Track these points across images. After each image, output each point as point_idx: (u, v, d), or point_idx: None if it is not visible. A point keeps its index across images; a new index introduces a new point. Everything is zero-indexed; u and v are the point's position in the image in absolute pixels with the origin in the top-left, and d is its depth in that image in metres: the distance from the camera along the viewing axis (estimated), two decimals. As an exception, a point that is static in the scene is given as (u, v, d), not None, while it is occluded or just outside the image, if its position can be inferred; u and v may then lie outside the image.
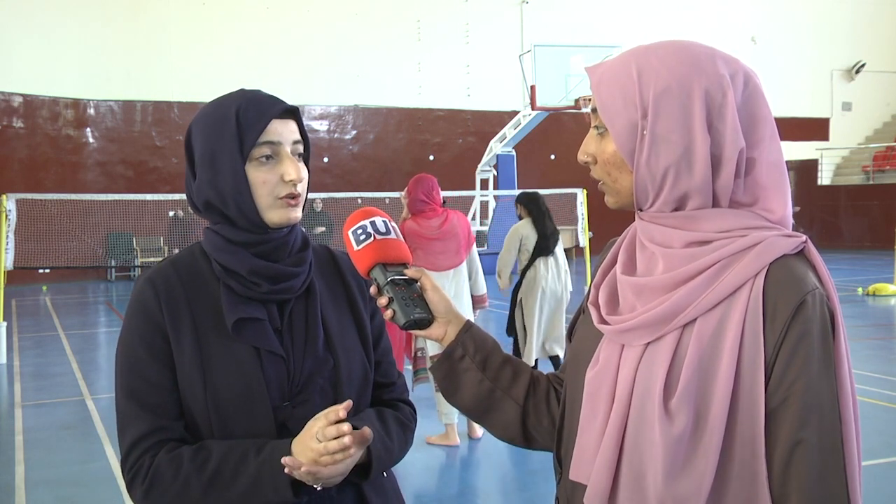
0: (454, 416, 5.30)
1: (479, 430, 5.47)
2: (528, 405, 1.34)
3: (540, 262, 6.16)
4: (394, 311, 1.31)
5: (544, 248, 6.16)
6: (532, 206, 6.29)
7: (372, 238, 1.35)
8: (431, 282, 1.35)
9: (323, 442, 1.30)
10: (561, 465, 1.25)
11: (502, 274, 6.26)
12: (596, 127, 1.17)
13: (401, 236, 1.39)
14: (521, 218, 6.37)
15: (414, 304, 1.32)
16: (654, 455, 1.04)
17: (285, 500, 1.33)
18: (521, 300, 6.20)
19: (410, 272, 1.35)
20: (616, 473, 1.09)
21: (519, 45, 19.49)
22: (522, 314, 6.19)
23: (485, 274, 5.50)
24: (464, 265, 5.20)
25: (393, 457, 1.50)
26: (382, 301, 1.32)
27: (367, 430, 1.35)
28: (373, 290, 1.34)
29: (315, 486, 1.34)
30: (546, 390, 1.36)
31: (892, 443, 5.34)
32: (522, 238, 6.19)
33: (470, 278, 5.28)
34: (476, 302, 5.34)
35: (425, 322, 1.33)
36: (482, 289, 5.36)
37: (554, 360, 6.26)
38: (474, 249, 5.32)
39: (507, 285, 6.33)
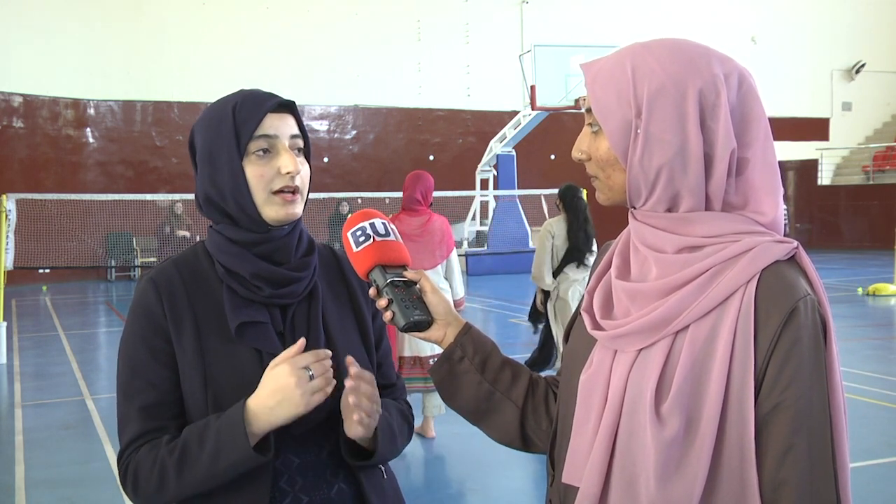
0: (435, 410, 5.38)
1: (433, 431, 5.50)
2: (527, 407, 1.33)
3: (569, 272, 5.89)
4: (393, 312, 1.30)
5: (576, 257, 5.85)
6: (568, 204, 5.94)
7: (371, 240, 1.35)
8: (431, 284, 1.35)
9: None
10: (554, 467, 1.25)
11: (538, 278, 5.94)
12: (590, 124, 1.16)
13: (400, 238, 1.39)
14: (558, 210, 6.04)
15: (413, 306, 1.31)
16: (646, 459, 1.05)
17: (247, 455, 1.30)
18: (554, 306, 5.97)
19: (410, 274, 1.34)
20: (608, 477, 1.09)
21: (519, 45, 19.46)
22: (556, 318, 5.99)
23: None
24: (439, 268, 5.25)
25: (396, 446, 1.50)
26: (382, 303, 1.32)
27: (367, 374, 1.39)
28: (372, 291, 1.34)
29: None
30: (545, 393, 1.35)
31: (892, 443, 5.33)
32: (554, 237, 5.89)
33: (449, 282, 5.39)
34: (454, 305, 5.36)
35: (425, 324, 1.32)
36: (459, 293, 5.45)
37: None
38: (454, 254, 5.39)
39: (550, 285, 5.95)
